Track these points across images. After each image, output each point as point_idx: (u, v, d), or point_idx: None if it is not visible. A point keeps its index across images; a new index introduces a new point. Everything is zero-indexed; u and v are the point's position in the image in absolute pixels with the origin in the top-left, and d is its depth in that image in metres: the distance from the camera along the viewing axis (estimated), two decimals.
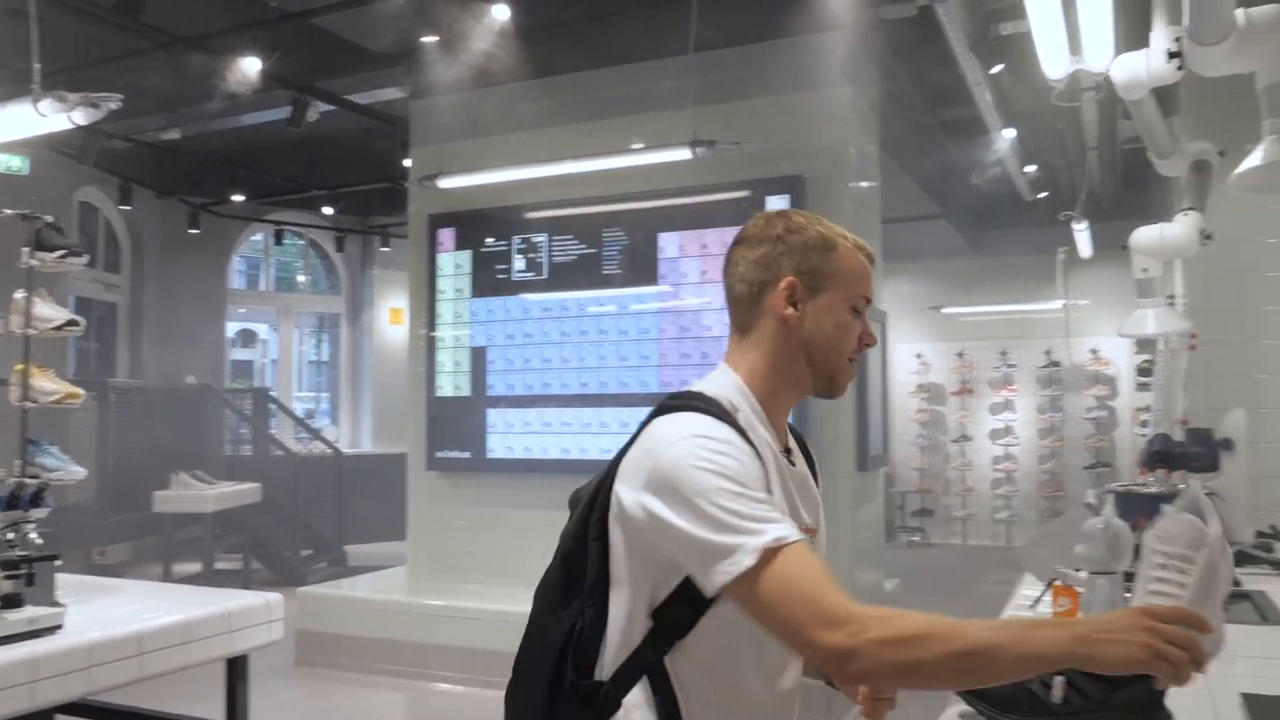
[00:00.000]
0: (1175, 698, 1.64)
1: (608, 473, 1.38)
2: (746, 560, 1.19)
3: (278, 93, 6.43)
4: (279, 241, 11.14)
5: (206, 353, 10.29)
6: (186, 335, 10.05)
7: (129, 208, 9.07)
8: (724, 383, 1.42)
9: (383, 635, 5.72)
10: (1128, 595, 1.77)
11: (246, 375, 13.68)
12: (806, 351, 1.41)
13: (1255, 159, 2.11)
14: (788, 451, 1.45)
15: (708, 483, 1.24)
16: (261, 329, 14.06)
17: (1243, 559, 2.98)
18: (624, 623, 1.34)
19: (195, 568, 8.13)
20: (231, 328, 11.59)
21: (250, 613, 2.85)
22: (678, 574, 1.28)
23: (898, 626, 1.15)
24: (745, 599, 1.21)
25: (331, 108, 6.83)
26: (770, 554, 1.19)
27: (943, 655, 1.13)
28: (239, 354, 13.72)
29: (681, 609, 1.30)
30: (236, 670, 2.89)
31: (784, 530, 1.21)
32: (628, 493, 1.31)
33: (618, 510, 1.32)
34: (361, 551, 9.56)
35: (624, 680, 1.34)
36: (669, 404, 1.37)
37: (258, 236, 11.49)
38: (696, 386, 1.41)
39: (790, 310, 1.41)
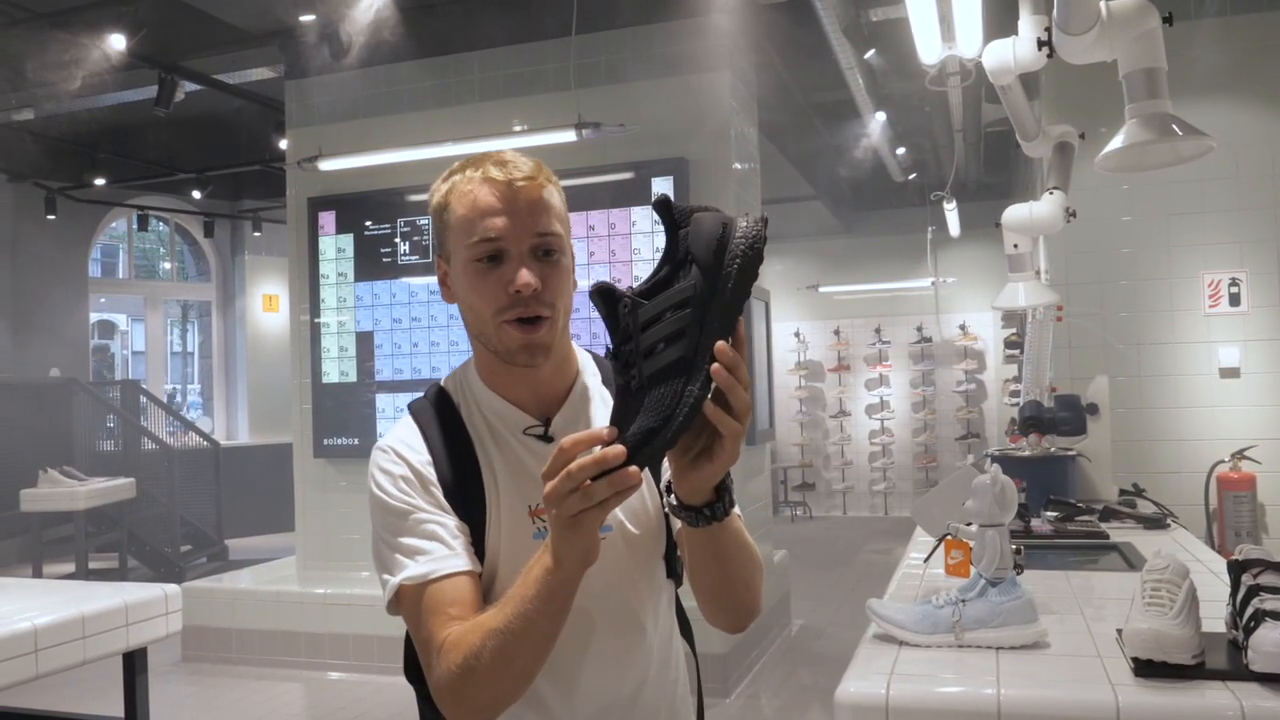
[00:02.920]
0: (1061, 637, 1.78)
1: None
2: (387, 595, 1.21)
3: (143, 72, 6.17)
4: (143, 227, 10.68)
5: (69, 345, 9.82)
6: (48, 327, 9.56)
7: None
8: (465, 370, 1.32)
9: (274, 627, 5.61)
10: (1013, 546, 1.91)
11: (107, 368, 13.10)
12: (469, 327, 1.27)
13: (1117, 141, 2.27)
14: (545, 423, 1.27)
15: (374, 509, 1.24)
16: (120, 319, 13.48)
17: (1108, 515, 3.20)
18: None
19: (67, 568, 7.78)
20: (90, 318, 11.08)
21: (148, 604, 2.78)
22: None
23: (456, 664, 1.10)
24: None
25: (200, 88, 6.60)
26: (402, 593, 1.19)
27: (492, 660, 1.08)
28: (97, 345, 13.14)
29: None
30: (135, 665, 2.81)
31: (422, 568, 1.17)
32: None
33: None
34: (244, 545, 9.32)
35: None
36: (411, 401, 1.34)
37: (116, 224, 10.99)
38: (446, 376, 1.35)
39: (446, 291, 1.29)
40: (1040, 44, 2.54)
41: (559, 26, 5.24)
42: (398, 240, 5.93)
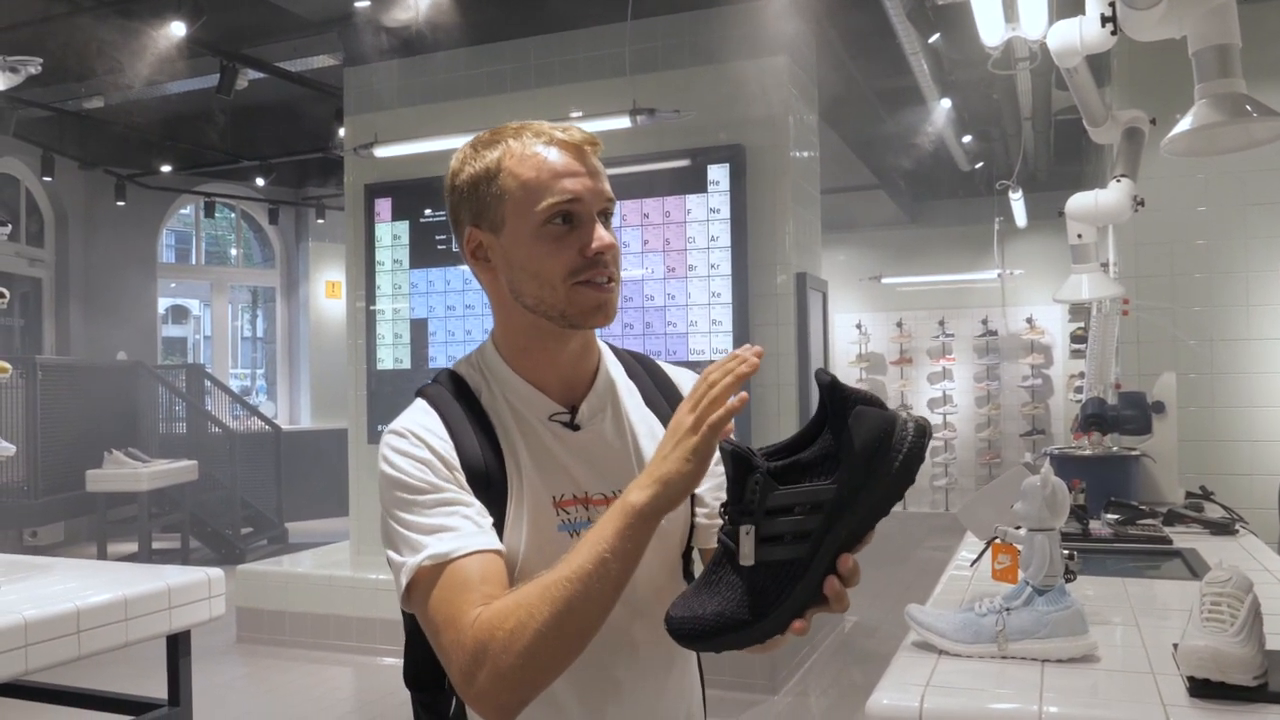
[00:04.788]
0: (1112, 650, 1.68)
1: None
2: (404, 579, 1.11)
3: (205, 59, 6.25)
4: (210, 214, 10.87)
5: (138, 329, 10.04)
6: (116, 311, 9.78)
7: (50, 179, 8.77)
8: (483, 353, 1.28)
9: (326, 610, 5.66)
10: (1065, 551, 1.81)
11: (179, 352, 13.38)
12: (518, 299, 1.21)
13: (1186, 123, 2.14)
14: (571, 412, 1.24)
15: (385, 489, 1.16)
16: (193, 304, 13.75)
17: (1173, 518, 3.06)
18: None
19: (131, 548, 7.96)
20: (163, 303, 11.31)
21: (191, 588, 2.79)
22: None
23: (502, 624, 1.03)
24: (418, 620, 1.14)
25: (261, 75, 6.66)
26: (422, 574, 1.09)
27: (549, 622, 1.01)
28: (171, 330, 13.42)
29: None
30: (178, 647, 2.83)
31: (445, 545, 1.09)
32: None
33: None
34: (303, 528, 9.46)
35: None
36: (419, 387, 1.28)
37: (187, 209, 11.20)
38: (456, 362, 1.30)
39: (483, 265, 1.23)
40: (1104, 20, 2.41)
41: (615, 11, 5.18)
42: None
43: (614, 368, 1.31)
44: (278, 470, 9.53)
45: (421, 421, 1.19)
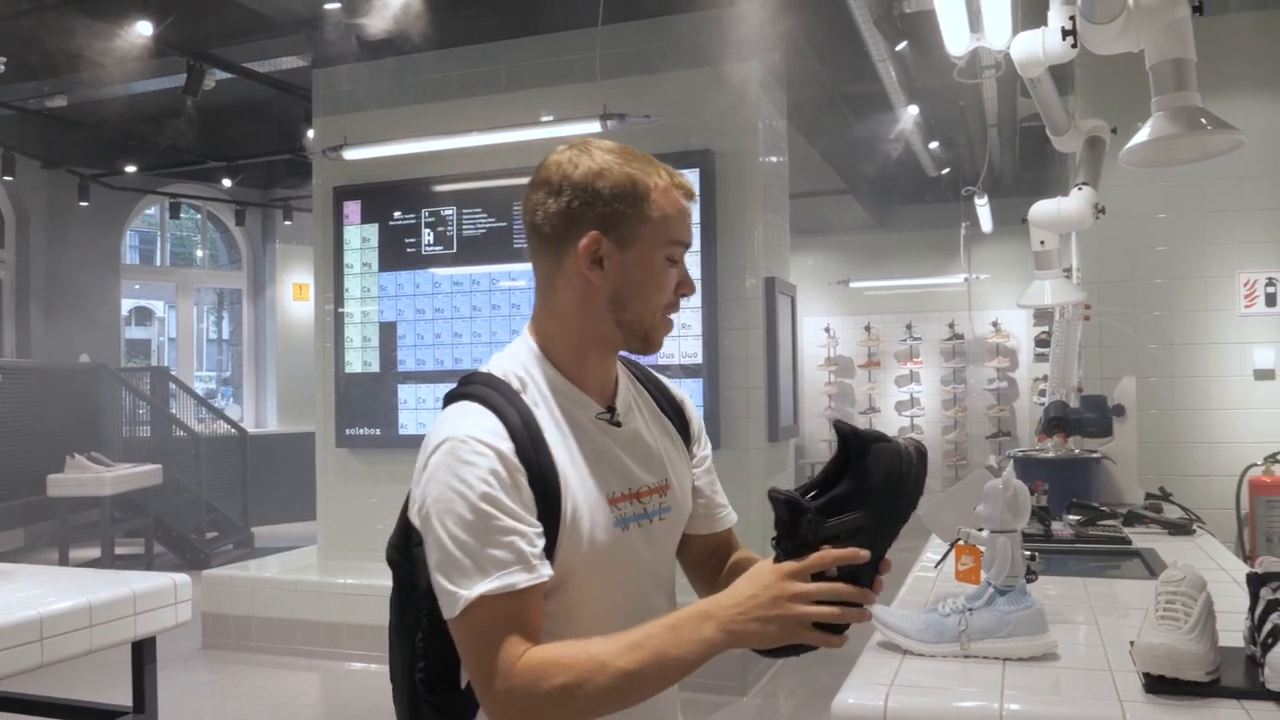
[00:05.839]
0: (1073, 648, 1.72)
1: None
2: (454, 609, 1.15)
3: (172, 59, 6.19)
4: (175, 215, 10.76)
5: (101, 330, 9.92)
6: (79, 312, 9.66)
7: (12, 179, 8.64)
8: (520, 355, 1.32)
9: (294, 616, 5.63)
10: (1026, 552, 1.85)
11: (143, 354, 13.23)
12: (614, 312, 1.28)
13: (1143, 135, 2.19)
14: (610, 410, 1.32)
15: (447, 507, 1.17)
16: (158, 306, 13.59)
17: (1133, 519, 3.12)
18: None
19: (94, 553, 7.87)
20: (126, 305, 11.18)
21: (156, 594, 2.77)
22: None
23: (549, 679, 1.12)
24: (454, 635, 1.19)
25: (229, 76, 6.61)
26: (475, 606, 1.14)
27: (594, 694, 1.12)
28: (134, 332, 13.27)
29: None
30: (143, 654, 2.81)
31: (500, 581, 1.14)
32: (412, 504, 1.26)
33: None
34: (269, 533, 9.38)
35: None
36: (453, 391, 1.30)
37: (152, 210, 11.08)
38: (489, 363, 1.33)
39: (595, 270, 1.27)
40: (1065, 33, 2.46)
41: (586, 16, 5.19)
42: (423, 230, 5.92)
43: (623, 372, 1.40)
44: (244, 474, 9.44)
45: (483, 425, 1.21)
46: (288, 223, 11.15)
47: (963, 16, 3.57)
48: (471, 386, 1.27)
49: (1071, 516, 3.09)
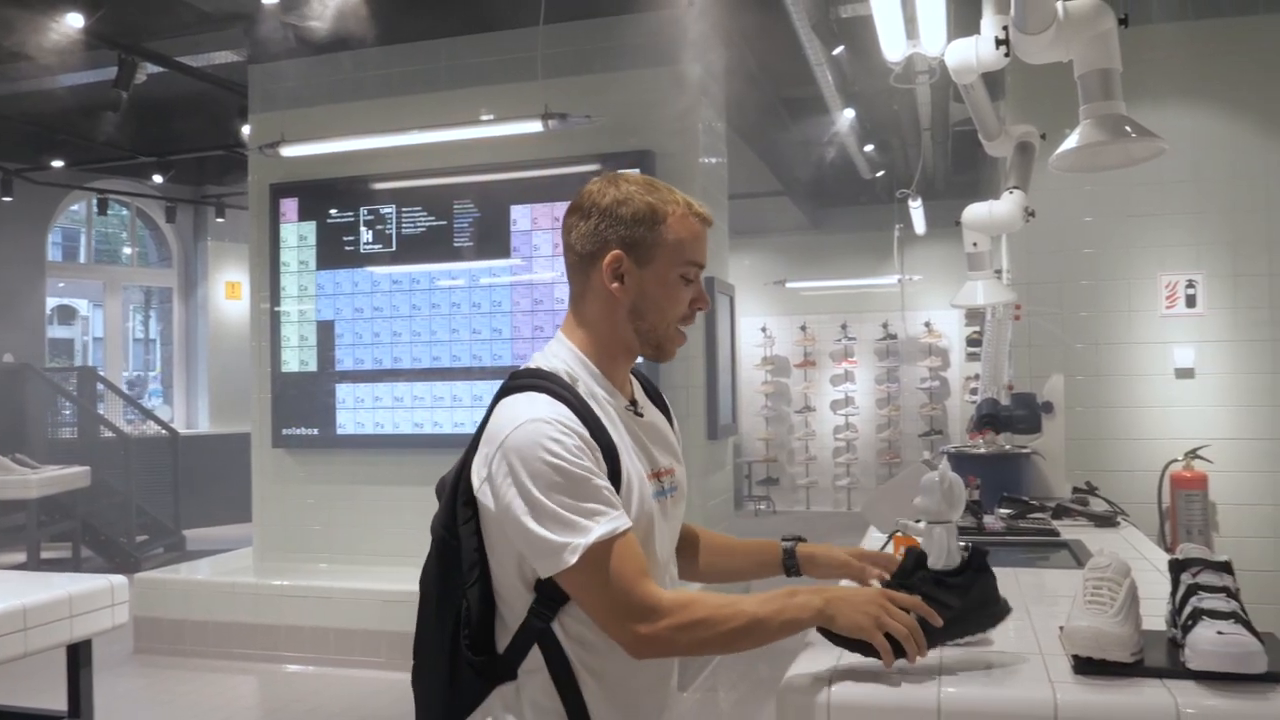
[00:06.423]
0: (1005, 635, 1.78)
1: (465, 458, 1.44)
2: (570, 559, 1.31)
3: (103, 52, 6.06)
4: (103, 211, 10.52)
5: (24, 329, 9.64)
6: (2, 311, 9.39)
7: None
8: (561, 354, 1.49)
9: (229, 619, 5.55)
10: (961, 543, 1.91)
11: (66, 354, 12.90)
12: (633, 321, 1.48)
13: (1071, 141, 2.28)
14: (633, 404, 1.53)
15: (540, 474, 1.33)
16: (82, 305, 13.26)
17: (1061, 512, 3.22)
18: (509, 596, 1.42)
19: (19, 557, 7.65)
20: (49, 303, 10.88)
21: (93, 596, 2.73)
22: None
23: (690, 613, 1.34)
24: (568, 587, 1.36)
25: (161, 70, 6.49)
26: (592, 552, 1.31)
27: (724, 633, 1.35)
28: (57, 331, 12.93)
29: None
30: (79, 657, 2.76)
31: (608, 525, 1.32)
32: (477, 479, 1.39)
33: (476, 494, 1.41)
34: (202, 535, 9.21)
35: (518, 650, 1.42)
36: (512, 383, 1.45)
37: (77, 206, 10.81)
38: (535, 361, 1.50)
39: (616, 284, 1.46)
40: (998, 43, 2.55)
41: (527, 16, 5.20)
42: (361, 229, 5.88)
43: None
44: (175, 476, 9.26)
45: (558, 412, 1.38)
46: (220, 220, 10.96)
47: (899, 23, 3.66)
48: (532, 380, 1.44)
49: (1003, 510, 3.18)
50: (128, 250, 11.80)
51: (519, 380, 1.45)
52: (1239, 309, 4.84)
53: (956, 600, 1.50)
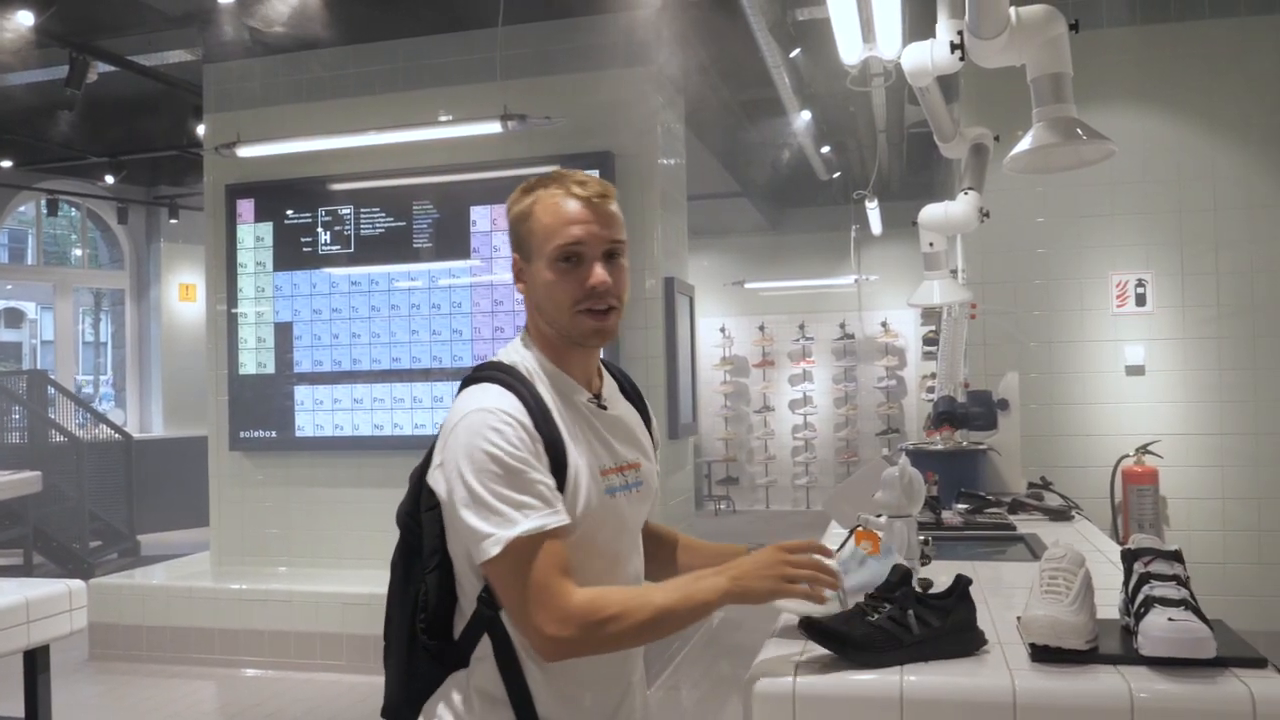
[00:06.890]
0: None
1: (433, 447, 1.47)
2: (492, 549, 1.33)
3: (53, 50, 5.96)
4: (53, 212, 10.33)
5: None
6: None
7: None
8: (519, 348, 1.54)
9: (187, 623, 5.48)
10: (920, 537, 1.95)
11: (14, 357, 12.66)
12: (542, 316, 1.51)
13: (1024, 143, 2.33)
14: (597, 397, 1.55)
15: (478, 462, 1.35)
16: (29, 307, 13.02)
17: (1017, 507, 3.29)
18: (465, 583, 1.45)
19: None
20: None
21: (51, 600, 2.70)
22: None
23: (600, 611, 1.35)
24: (490, 578, 1.38)
25: (113, 69, 6.40)
26: (515, 545, 1.33)
27: (636, 625, 1.37)
28: (4, 334, 12.69)
29: None
30: (37, 663, 2.73)
31: (536, 521, 1.34)
32: (433, 468, 1.43)
33: (428, 481, 1.44)
34: (157, 540, 9.09)
35: (470, 637, 1.44)
36: (470, 375, 1.50)
37: (24, 207, 10.60)
38: (497, 355, 1.54)
39: (520, 285, 1.54)
40: (953, 47, 2.60)
41: (486, 16, 5.20)
42: (319, 230, 5.83)
43: (605, 368, 1.64)
44: (128, 480, 9.12)
45: (501, 404, 1.40)
46: (174, 221, 10.80)
47: (856, 26, 3.71)
48: (489, 372, 1.48)
49: (960, 505, 3.24)
50: (78, 252, 11.60)
51: (479, 372, 1.49)
52: (1187, 307, 4.96)
53: (938, 620, 1.56)
